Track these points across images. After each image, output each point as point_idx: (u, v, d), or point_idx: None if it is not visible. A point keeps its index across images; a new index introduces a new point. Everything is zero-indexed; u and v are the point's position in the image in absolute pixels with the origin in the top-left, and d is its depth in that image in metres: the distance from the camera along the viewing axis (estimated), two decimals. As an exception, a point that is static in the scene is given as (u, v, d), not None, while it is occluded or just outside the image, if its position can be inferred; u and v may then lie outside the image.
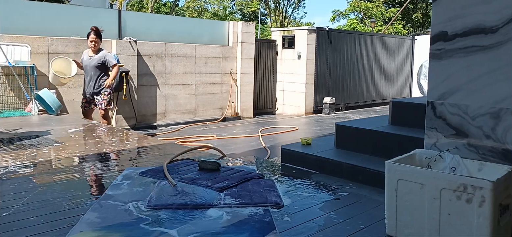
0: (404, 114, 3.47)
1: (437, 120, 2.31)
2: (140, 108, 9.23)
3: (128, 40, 8.84)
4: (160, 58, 9.51)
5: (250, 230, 2.07)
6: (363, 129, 3.36)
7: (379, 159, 3.01)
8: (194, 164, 3.25)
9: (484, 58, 2.14)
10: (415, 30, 28.68)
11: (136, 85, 9.02)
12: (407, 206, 1.95)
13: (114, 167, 3.49)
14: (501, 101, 2.08)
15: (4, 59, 6.79)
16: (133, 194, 2.58)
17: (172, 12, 31.39)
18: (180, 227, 2.09)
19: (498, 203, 1.76)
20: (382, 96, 14.48)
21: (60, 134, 4.85)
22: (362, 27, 29.53)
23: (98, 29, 6.03)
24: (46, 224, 2.13)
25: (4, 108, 6.94)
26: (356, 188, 2.80)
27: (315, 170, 3.19)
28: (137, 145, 4.43)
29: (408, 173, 1.94)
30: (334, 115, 11.76)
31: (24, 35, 7.57)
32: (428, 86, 2.37)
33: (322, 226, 2.19)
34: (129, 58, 8.81)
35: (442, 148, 2.26)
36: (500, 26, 2.08)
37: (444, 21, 2.28)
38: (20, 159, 3.54)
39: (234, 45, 10.63)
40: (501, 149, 2.09)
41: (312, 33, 12.05)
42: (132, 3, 31.64)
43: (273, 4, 35.47)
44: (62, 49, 7.99)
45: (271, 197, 2.52)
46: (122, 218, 2.19)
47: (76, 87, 8.24)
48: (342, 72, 12.98)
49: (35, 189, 2.69)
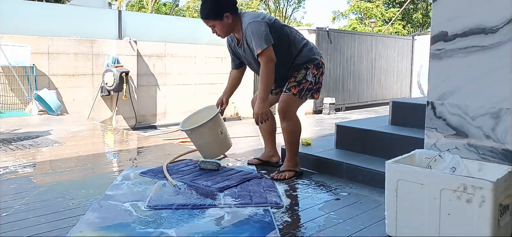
0: (404, 114, 3.47)
1: (437, 120, 2.31)
2: (140, 108, 9.23)
3: (128, 40, 8.85)
4: (160, 58, 9.51)
5: (250, 230, 2.07)
6: (363, 129, 3.36)
7: (379, 159, 3.01)
8: (194, 164, 3.25)
9: (484, 58, 2.14)
10: (415, 30, 28.68)
11: (136, 85, 9.02)
12: (407, 206, 1.95)
13: (114, 167, 3.49)
14: (501, 101, 2.08)
15: (4, 59, 6.79)
16: (133, 194, 2.58)
17: (172, 12, 31.39)
18: (180, 227, 2.09)
19: (498, 203, 1.76)
20: (382, 96, 14.48)
21: (60, 134, 4.85)
22: (362, 27, 29.53)
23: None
24: (46, 224, 2.13)
25: (4, 108, 6.94)
26: (356, 188, 2.80)
27: (315, 170, 3.19)
28: (137, 145, 4.43)
29: (408, 173, 1.94)
30: (334, 115, 11.76)
31: (24, 35, 7.57)
32: (428, 86, 2.37)
33: (322, 226, 2.19)
34: (129, 58, 8.81)
35: (442, 148, 2.26)
36: (500, 26, 2.08)
37: (444, 21, 2.28)
38: (20, 159, 3.54)
39: (234, 45, 10.63)
40: (501, 149, 2.09)
41: (312, 33, 12.05)
42: (132, 3, 31.64)
43: (273, 4, 35.48)
44: (62, 49, 7.99)
45: (271, 197, 2.52)
46: (122, 218, 2.19)
47: (76, 87, 8.25)
48: (342, 72, 12.97)
49: (35, 189, 2.69)
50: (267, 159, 3.36)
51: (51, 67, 7.82)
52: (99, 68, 8.46)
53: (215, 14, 2.86)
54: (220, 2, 2.88)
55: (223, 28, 2.90)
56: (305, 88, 2.97)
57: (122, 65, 8.50)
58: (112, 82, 8.22)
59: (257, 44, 2.76)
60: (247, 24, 2.83)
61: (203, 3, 2.92)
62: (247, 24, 2.82)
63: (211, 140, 3.24)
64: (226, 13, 2.86)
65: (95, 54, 8.42)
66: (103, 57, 8.51)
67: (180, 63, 9.77)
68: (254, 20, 2.82)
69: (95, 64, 8.44)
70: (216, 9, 2.85)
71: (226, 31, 2.94)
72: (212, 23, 2.89)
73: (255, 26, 2.79)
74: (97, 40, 8.47)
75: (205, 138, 3.21)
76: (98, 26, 8.94)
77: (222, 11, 2.85)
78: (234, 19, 2.90)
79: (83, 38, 8.37)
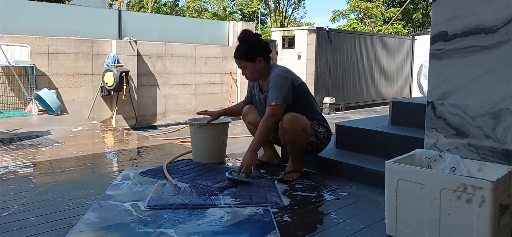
0: (404, 114, 3.47)
1: (437, 120, 2.31)
2: (140, 108, 9.23)
3: (128, 40, 8.85)
4: (160, 58, 9.51)
5: (250, 230, 2.07)
6: (363, 129, 3.35)
7: (379, 159, 3.00)
8: (194, 164, 3.25)
9: (484, 58, 2.14)
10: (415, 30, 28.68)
11: (136, 85, 9.02)
12: (407, 206, 1.95)
13: (114, 167, 3.49)
14: (501, 101, 2.08)
15: (4, 59, 6.79)
16: (133, 194, 2.58)
17: (172, 12, 31.39)
18: (180, 227, 2.09)
19: (498, 203, 1.76)
20: (382, 96, 14.48)
21: (60, 134, 4.85)
22: (362, 27, 29.54)
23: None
24: (46, 224, 2.13)
25: (4, 108, 6.94)
26: (356, 188, 2.80)
27: (315, 170, 3.19)
28: (137, 145, 4.43)
29: (408, 173, 1.94)
30: (334, 115, 11.76)
31: (24, 35, 7.57)
32: (428, 86, 2.37)
33: (322, 226, 2.19)
34: (129, 58, 8.81)
35: (442, 148, 2.26)
36: (500, 26, 2.08)
37: (444, 21, 2.28)
38: (20, 159, 3.54)
39: (234, 45, 10.62)
40: (501, 149, 2.08)
41: (312, 33, 12.05)
42: (132, 3, 31.64)
43: (273, 4, 35.48)
44: (62, 49, 7.99)
45: (271, 197, 2.52)
46: (122, 218, 2.19)
47: (76, 87, 8.25)
48: (342, 72, 12.98)
49: (35, 189, 2.69)
50: (267, 160, 3.36)
51: (51, 67, 7.82)
52: (99, 68, 8.46)
53: (249, 56, 2.94)
54: (255, 45, 2.97)
55: (254, 70, 2.97)
56: (314, 128, 2.97)
57: (122, 65, 8.50)
58: (112, 82, 8.22)
59: (274, 96, 2.80)
60: (275, 74, 2.90)
61: (240, 43, 3.00)
62: (275, 74, 2.90)
63: (212, 144, 3.33)
64: (259, 57, 2.94)
65: (95, 54, 8.42)
66: (103, 57, 8.51)
67: (180, 63, 9.77)
68: (283, 73, 2.91)
69: (95, 64, 8.44)
70: (251, 51, 2.94)
71: (256, 75, 3.00)
72: (245, 64, 2.96)
73: (281, 79, 2.86)
74: (97, 40, 8.47)
75: (208, 139, 3.29)
76: (98, 26, 8.95)
77: (256, 54, 2.94)
78: (265, 65, 2.98)
79: (83, 38, 8.37)
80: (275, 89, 2.81)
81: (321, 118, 3.08)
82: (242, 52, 2.95)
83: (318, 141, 3.00)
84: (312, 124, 2.95)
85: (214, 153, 3.36)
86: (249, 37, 3.01)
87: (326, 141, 3.07)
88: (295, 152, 2.95)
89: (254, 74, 2.99)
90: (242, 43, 2.99)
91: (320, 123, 3.03)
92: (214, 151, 3.36)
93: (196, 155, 3.33)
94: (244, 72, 3.00)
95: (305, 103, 3.00)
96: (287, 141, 2.88)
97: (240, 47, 2.98)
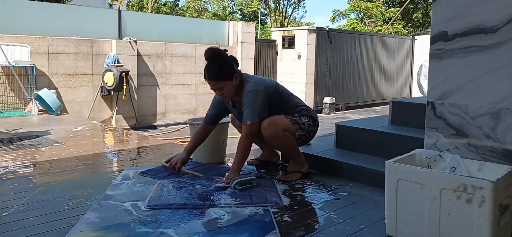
0: (404, 114, 3.47)
1: (437, 120, 2.31)
2: (140, 108, 9.23)
3: (128, 40, 8.84)
4: (160, 58, 9.51)
5: (250, 230, 2.07)
6: (363, 129, 3.35)
7: (379, 159, 3.00)
8: (194, 164, 3.26)
9: (484, 58, 2.14)
10: (415, 30, 28.67)
11: (136, 85, 9.02)
12: (407, 206, 1.95)
13: (114, 167, 3.49)
14: (501, 101, 2.08)
15: (4, 59, 6.79)
16: (133, 194, 2.58)
17: (172, 12, 31.39)
18: (179, 227, 2.09)
19: (498, 203, 1.76)
20: (382, 96, 14.48)
21: (60, 134, 4.85)
22: (362, 27, 29.53)
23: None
24: (46, 224, 2.13)
25: (4, 108, 6.95)
26: (356, 188, 2.80)
27: (315, 170, 3.19)
28: (137, 145, 4.43)
29: (408, 173, 1.94)
30: (334, 115, 11.76)
31: (24, 35, 7.57)
32: (428, 86, 2.37)
33: (322, 226, 2.19)
34: (129, 58, 8.81)
35: (442, 148, 2.26)
36: (500, 26, 2.08)
37: (444, 21, 2.28)
38: (20, 159, 3.54)
39: (234, 45, 10.63)
40: (501, 149, 2.09)
41: (312, 33, 12.05)
42: (132, 3, 31.63)
43: (273, 4, 35.47)
44: (62, 49, 7.99)
45: (271, 197, 2.52)
46: (122, 218, 2.19)
47: (76, 87, 8.25)
48: (342, 72, 12.98)
49: (35, 189, 2.69)
50: (267, 159, 3.36)
51: (51, 67, 7.82)
52: (99, 68, 8.46)
53: (226, 75, 2.74)
54: (229, 62, 2.79)
55: (233, 88, 2.78)
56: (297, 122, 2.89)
57: (122, 65, 8.50)
58: (112, 82, 8.22)
59: (249, 115, 2.70)
60: (248, 90, 2.75)
61: (210, 64, 2.76)
62: (248, 90, 2.75)
63: (212, 144, 3.35)
64: (235, 74, 2.78)
65: (95, 54, 8.42)
66: (103, 57, 8.51)
67: (180, 63, 9.77)
68: (255, 88, 2.75)
69: (95, 64, 8.44)
70: (226, 69, 2.74)
71: (234, 92, 2.81)
72: (222, 84, 2.74)
73: (254, 95, 2.73)
74: (97, 40, 8.47)
75: (208, 139, 3.27)
76: (98, 26, 8.94)
77: (233, 72, 2.77)
78: (241, 80, 2.82)
79: (83, 38, 8.37)
80: (249, 107, 2.71)
81: (301, 107, 2.97)
82: (218, 72, 2.74)
83: (305, 132, 2.92)
84: (292, 119, 2.87)
85: (214, 153, 3.39)
86: (221, 54, 2.79)
87: (314, 127, 2.98)
88: (290, 153, 2.97)
89: (232, 92, 2.81)
90: (213, 62, 2.76)
91: (301, 114, 2.93)
92: (214, 151, 3.39)
93: (196, 155, 3.34)
94: (221, 92, 2.79)
95: (283, 103, 2.91)
96: (276, 146, 2.89)
97: (213, 67, 2.75)
